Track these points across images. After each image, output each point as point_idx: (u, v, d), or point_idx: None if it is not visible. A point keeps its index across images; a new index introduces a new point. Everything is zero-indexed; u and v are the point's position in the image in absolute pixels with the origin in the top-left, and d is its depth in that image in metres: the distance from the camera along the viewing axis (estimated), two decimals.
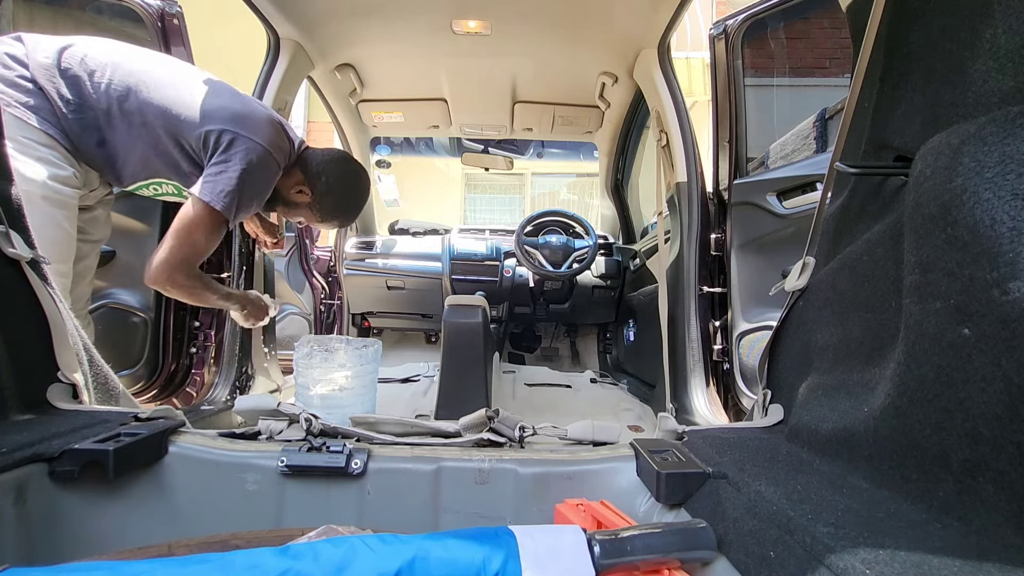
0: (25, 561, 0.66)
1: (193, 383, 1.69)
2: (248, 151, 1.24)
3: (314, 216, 1.51)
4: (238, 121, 1.26)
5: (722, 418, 1.55)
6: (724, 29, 1.65)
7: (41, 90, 1.16)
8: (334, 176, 1.45)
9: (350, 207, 1.54)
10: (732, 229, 1.65)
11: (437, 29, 1.77)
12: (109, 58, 1.23)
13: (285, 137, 1.36)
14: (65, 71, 1.18)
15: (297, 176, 1.44)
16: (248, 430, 0.86)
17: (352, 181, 1.51)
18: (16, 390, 0.81)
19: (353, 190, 1.52)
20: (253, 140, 1.25)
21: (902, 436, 0.58)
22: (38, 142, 1.15)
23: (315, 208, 1.48)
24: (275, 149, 1.30)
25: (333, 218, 1.53)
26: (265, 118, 1.31)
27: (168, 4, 1.57)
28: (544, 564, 0.53)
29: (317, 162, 1.44)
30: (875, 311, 0.69)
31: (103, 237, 1.43)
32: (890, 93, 0.74)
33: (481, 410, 0.90)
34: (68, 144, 1.20)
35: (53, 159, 1.17)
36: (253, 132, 1.26)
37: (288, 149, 1.37)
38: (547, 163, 4.73)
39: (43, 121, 1.16)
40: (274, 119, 1.34)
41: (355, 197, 1.54)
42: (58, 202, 1.17)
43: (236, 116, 1.27)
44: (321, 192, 1.45)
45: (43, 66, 1.17)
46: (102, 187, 1.35)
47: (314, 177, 1.44)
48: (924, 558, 0.45)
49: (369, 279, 2.84)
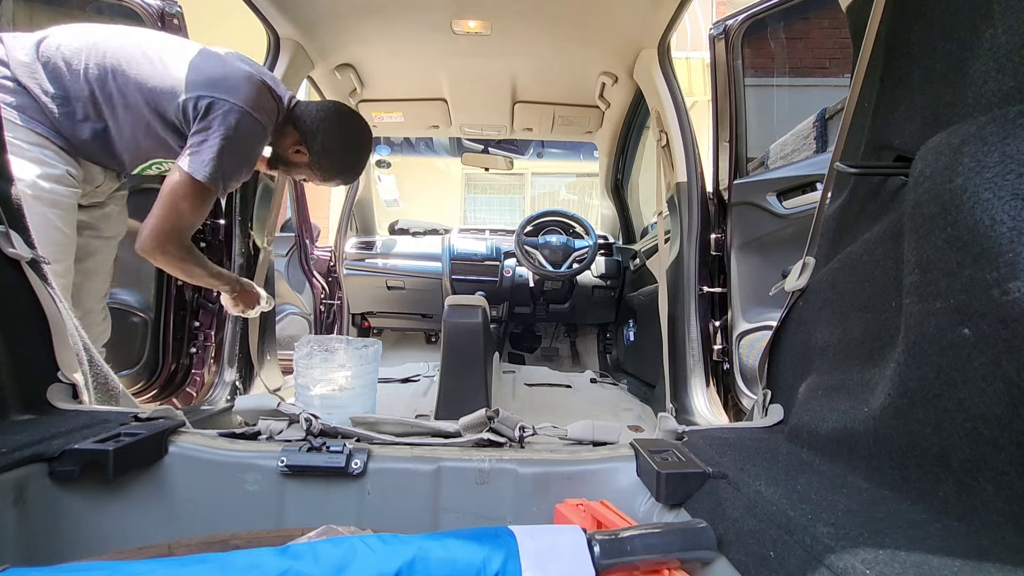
0: (25, 561, 0.66)
1: (193, 383, 1.69)
2: (226, 114, 1.18)
3: (315, 175, 1.45)
4: (214, 85, 1.20)
5: (722, 418, 1.55)
6: (724, 29, 1.65)
7: (25, 88, 1.14)
8: (330, 133, 1.38)
9: (351, 164, 1.47)
10: (732, 229, 1.65)
11: (437, 29, 1.77)
12: (83, 42, 1.18)
13: (269, 95, 1.29)
14: (45, 64, 1.15)
15: (292, 135, 1.38)
16: (248, 430, 0.86)
17: (350, 136, 1.43)
18: (16, 390, 0.81)
19: (352, 146, 1.44)
20: (231, 102, 1.19)
21: (902, 436, 0.58)
22: (26, 141, 1.12)
23: (315, 167, 1.42)
24: (257, 109, 1.23)
25: (335, 176, 1.47)
26: (244, 77, 1.24)
27: (168, 4, 1.57)
28: (544, 564, 0.53)
29: (310, 119, 1.36)
30: (875, 311, 0.69)
31: (117, 233, 1.40)
32: (890, 93, 0.74)
33: (481, 410, 0.90)
34: (60, 141, 1.17)
35: (43, 158, 1.14)
36: (231, 94, 1.20)
37: (273, 107, 1.30)
38: (547, 163, 4.73)
39: (29, 120, 1.13)
40: (255, 77, 1.26)
41: (355, 153, 1.47)
42: (51, 201, 1.14)
43: (212, 80, 1.21)
44: (318, 151, 1.39)
45: (22, 63, 1.14)
46: (109, 181, 1.31)
47: (309, 136, 1.37)
48: (924, 558, 0.45)
49: (369, 279, 2.84)
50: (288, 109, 1.36)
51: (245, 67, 1.28)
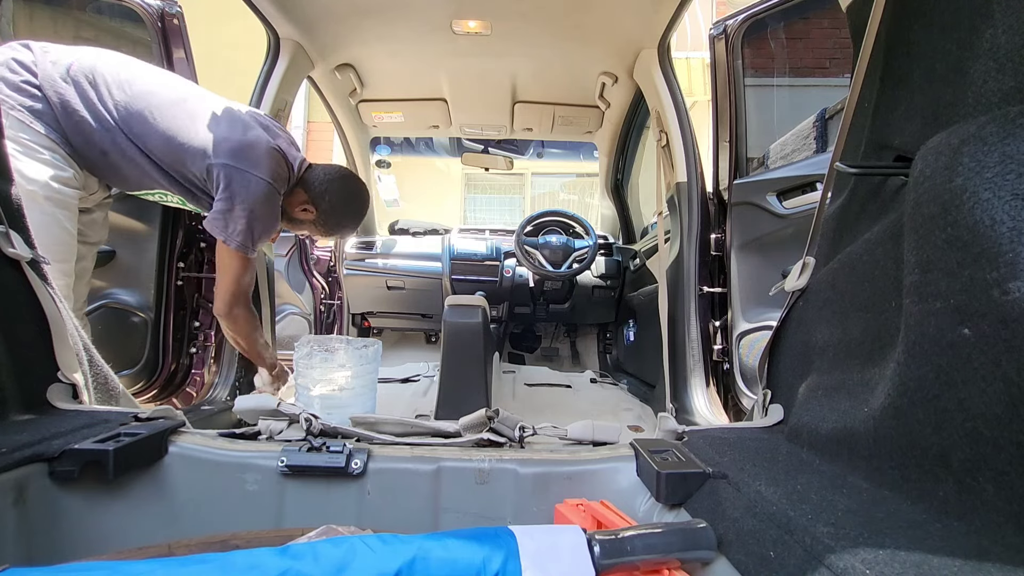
0: (25, 561, 0.66)
1: (193, 383, 1.69)
2: (248, 185, 1.31)
3: (318, 231, 1.59)
4: (239, 155, 1.30)
5: (722, 418, 1.55)
6: (724, 29, 1.65)
7: (46, 98, 1.19)
8: (337, 194, 1.52)
9: (353, 221, 1.62)
10: (732, 229, 1.65)
11: (437, 29, 1.77)
12: (116, 76, 1.25)
13: (284, 164, 1.41)
14: (75, 85, 1.21)
15: (301, 196, 1.50)
16: (248, 430, 0.86)
17: (355, 198, 1.58)
18: (16, 390, 0.81)
19: (356, 206, 1.59)
20: (253, 175, 1.31)
21: (902, 436, 0.58)
22: (41, 144, 1.17)
23: (319, 224, 1.56)
24: (276, 179, 1.36)
25: (336, 232, 1.63)
26: (265, 149, 1.35)
27: (168, 4, 1.57)
28: (544, 564, 0.53)
29: (319, 181, 1.49)
30: (875, 311, 0.69)
31: (100, 240, 1.45)
32: (890, 93, 0.74)
33: (481, 410, 0.90)
34: (68, 148, 1.22)
35: (55, 160, 1.19)
36: (254, 166, 1.31)
37: (287, 175, 1.42)
38: (547, 163, 4.72)
39: (46, 126, 1.18)
40: (273, 148, 1.38)
41: (357, 212, 1.61)
42: (60, 202, 1.19)
43: (237, 150, 1.31)
44: (325, 211, 1.52)
45: (51, 77, 1.20)
46: (101, 190, 1.37)
47: (318, 197, 1.50)
48: (924, 558, 0.45)
49: (369, 279, 2.83)
50: (300, 172, 1.49)
51: (266, 136, 1.38)
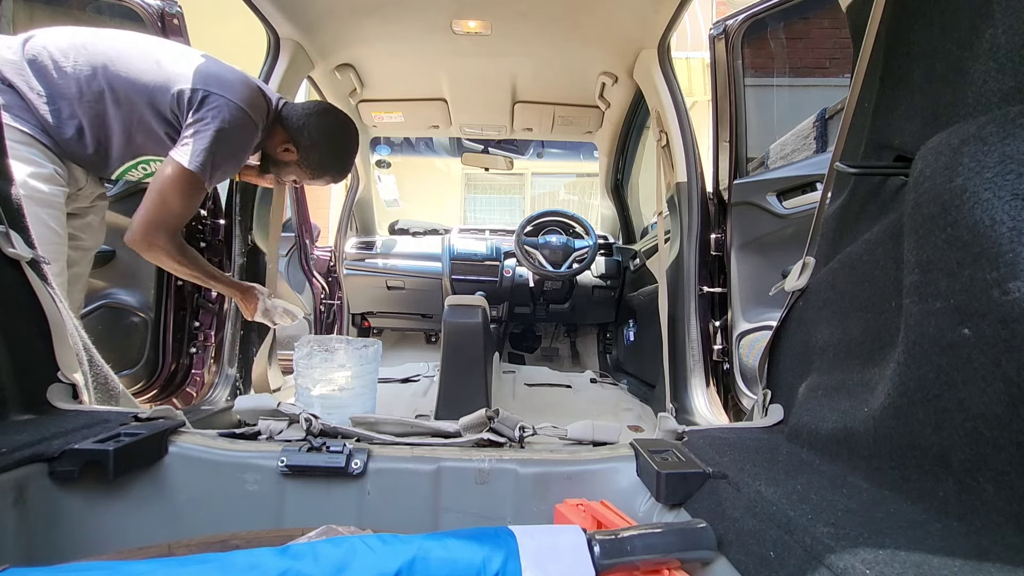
0: (25, 561, 0.66)
1: (193, 383, 1.69)
2: (221, 108, 1.21)
3: (305, 173, 1.49)
4: (210, 79, 1.23)
5: (722, 418, 1.55)
6: (724, 29, 1.65)
7: (12, 87, 1.14)
8: (316, 129, 1.42)
9: (339, 160, 1.51)
10: (732, 229, 1.65)
11: (437, 29, 1.77)
12: (71, 42, 1.20)
13: (262, 96, 1.34)
14: (31, 62, 1.16)
15: (280, 134, 1.42)
16: (248, 430, 0.86)
17: (337, 131, 1.48)
18: (16, 390, 0.81)
19: (339, 141, 1.49)
20: (226, 97, 1.23)
21: (902, 436, 0.58)
22: (16, 141, 1.12)
23: (304, 164, 1.46)
24: (251, 107, 1.27)
25: (324, 173, 1.50)
26: (239, 77, 1.29)
27: (168, 4, 1.57)
28: (544, 564, 0.53)
29: (296, 116, 1.41)
30: (875, 311, 0.69)
31: (96, 244, 1.41)
32: (890, 93, 0.74)
33: (481, 410, 0.90)
34: (47, 140, 1.17)
35: (32, 156, 1.14)
36: (226, 90, 1.23)
37: (264, 108, 1.35)
38: (547, 163, 4.73)
39: (17, 118, 1.14)
40: (249, 80, 1.31)
41: (343, 148, 1.51)
42: (42, 200, 1.14)
43: (208, 75, 1.24)
44: (306, 147, 1.43)
45: (9, 60, 1.15)
46: (91, 185, 1.32)
47: (296, 132, 1.41)
48: (924, 558, 0.45)
49: (369, 279, 2.84)
50: (277, 111, 1.40)
51: (239, 71, 1.32)
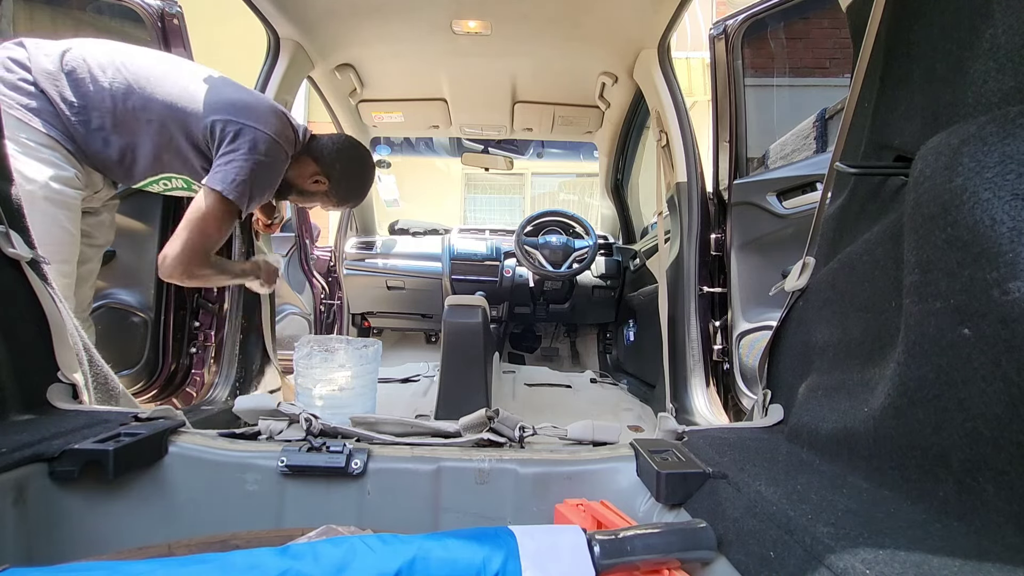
0: (25, 561, 0.66)
1: (193, 383, 1.69)
2: (256, 140, 1.26)
3: (331, 202, 1.58)
4: (243, 111, 1.28)
5: (722, 418, 1.54)
6: (724, 29, 1.65)
7: (43, 93, 1.18)
8: (348, 163, 1.51)
9: (364, 190, 1.63)
10: (732, 229, 1.65)
11: (437, 29, 1.77)
12: (110, 59, 1.24)
13: (290, 126, 1.38)
14: (68, 74, 1.19)
15: (310, 166, 1.48)
16: (248, 430, 0.86)
17: (363, 165, 1.58)
18: (16, 390, 0.81)
19: (366, 174, 1.60)
20: (260, 130, 1.27)
21: (902, 436, 0.58)
22: (40, 144, 1.16)
23: (332, 195, 1.55)
24: (282, 138, 1.33)
25: (349, 202, 1.62)
26: (269, 108, 1.34)
27: (168, 4, 1.57)
28: (544, 564, 0.53)
29: (328, 151, 1.48)
30: (875, 311, 0.69)
31: (107, 241, 1.43)
32: (890, 93, 0.74)
33: (481, 410, 0.90)
34: (71, 146, 1.21)
35: (55, 160, 1.18)
36: (259, 122, 1.28)
37: (293, 138, 1.40)
38: (547, 163, 4.73)
39: (45, 124, 1.17)
40: (278, 109, 1.37)
41: (367, 180, 1.62)
42: (60, 203, 1.17)
43: (241, 106, 1.28)
44: (337, 180, 1.51)
45: (46, 70, 1.18)
46: (106, 188, 1.36)
47: (329, 167, 1.48)
48: (924, 558, 0.45)
49: (369, 279, 2.84)
50: (304, 141, 1.46)
51: (268, 100, 1.38)
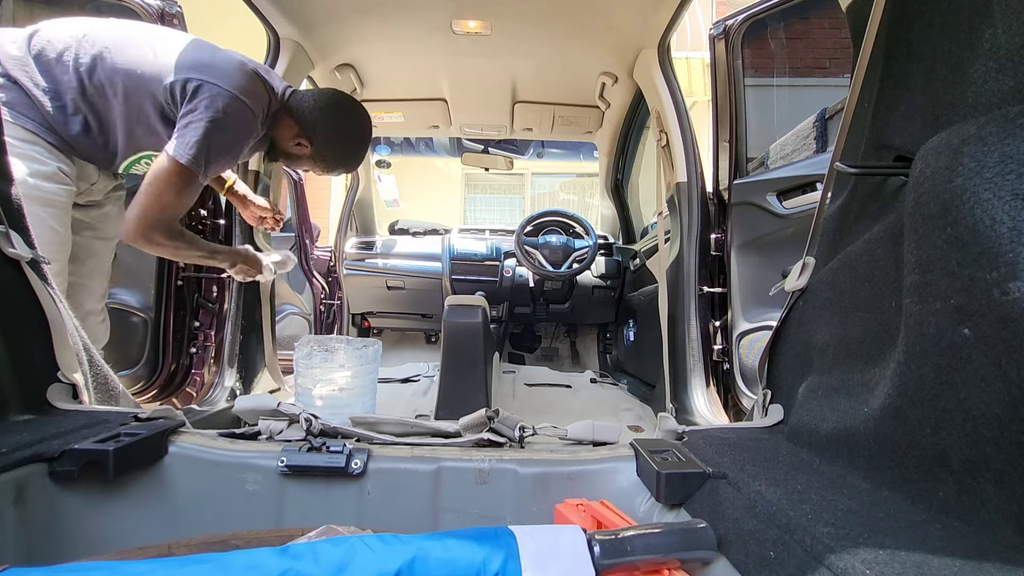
0: (25, 561, 0.66)
1: (193, 383, 1.69)
2: (214, 98, 1.16)
3: (318, 167, 1.45)
4: (202, 68, 1.18)
5: (722, 418, 1.55)
6: (724, 29, 1.65)
7: (16, 83, 1.12)
8: (331, 125, 1.36)
9: (354, 153, 1.46)
10: (732, 229, 1.65)
11: (437, 29, 1.77)
12: (73, 34, 1.17)
13: (261, 83, 1.27)
14: (36, 57, 1.13)
15: (291, 127, 1.36)
16: (248, 430, 0.86)
17: (351, 126, 1.42)
18: (16, 390, 0.81)
19: (354, 135, 1.44)
20: (219, 86, 1.17)
21: (902, 436, 0.58)
22: (16, 138, 1.09)
23: (318, 159, 1.42)
24: (247, 95, 1.21)
25: (338, 166, 1.47)
26: (235, 64, 1.23)
27: (168, 4, 1.57)
28: (544, 564, 0.53)
29: (309, 109, 1.34)
30: (875, 311, 0.69)
31: (116, 234, 1.37)
32: (890, 93, 0.74)
33: (481, 410, 0.90)
34: (52, 138, 1.15)
35: (34, 155, 1.12)
36: (218, 78, 1.18)
37: (265, 95, 1.28)
38: (547, 163, 4.73)
39: (19, 116, 1.11)
40: (247, 65, 1.25)
41: (357, 142, 1.46)
42: (42, 199, 1.11)
43: (200, 63, 1.19)
44: (320, 143, 1.38)
45: (14, 57, 1.12)
46: (104, 179, 1.30)
47: (309, 129, 1.35)
48: (924, 558, 0.45)
49: (369, 279, 2.84)
50: (284, 100, 1.34)
51: (237, 56, 1.26)
